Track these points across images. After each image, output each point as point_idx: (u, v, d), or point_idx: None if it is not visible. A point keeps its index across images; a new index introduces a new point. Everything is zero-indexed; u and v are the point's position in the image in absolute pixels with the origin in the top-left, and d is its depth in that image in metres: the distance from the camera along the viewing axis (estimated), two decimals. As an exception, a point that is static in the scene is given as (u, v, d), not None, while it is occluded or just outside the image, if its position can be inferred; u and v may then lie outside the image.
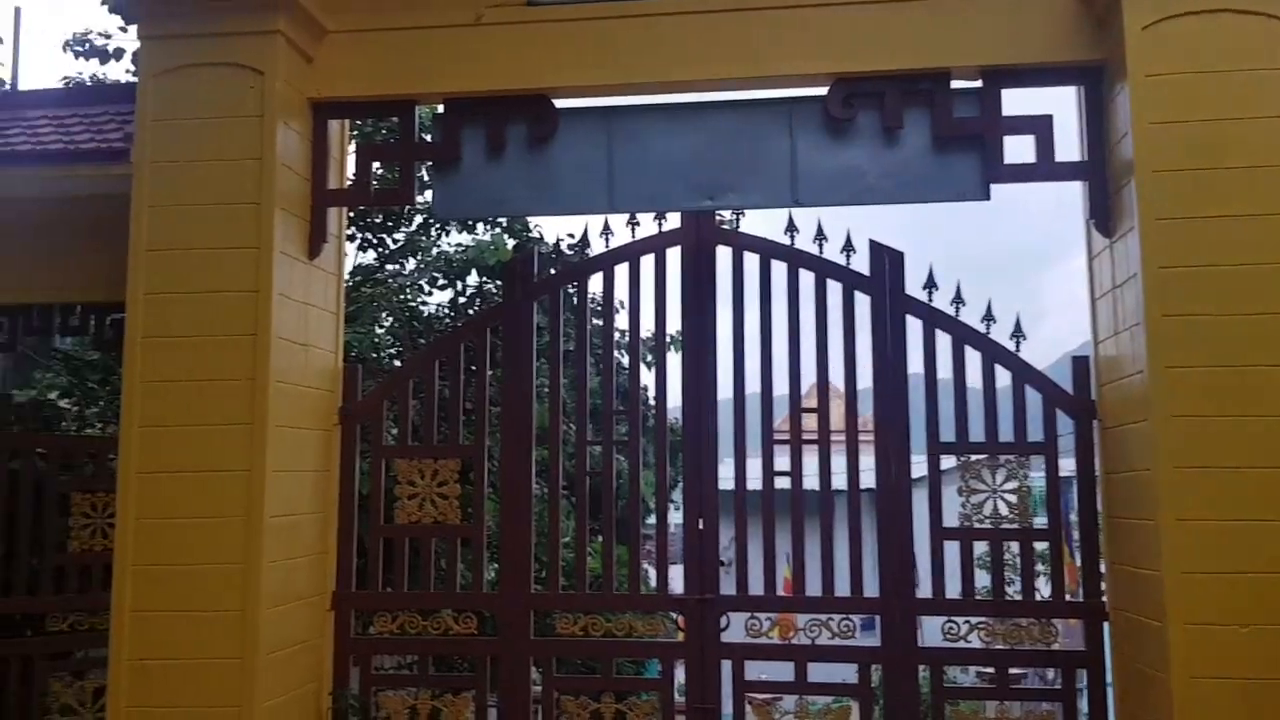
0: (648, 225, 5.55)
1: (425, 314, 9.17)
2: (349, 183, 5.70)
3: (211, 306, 4.91)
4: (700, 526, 5.32)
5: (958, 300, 5.31)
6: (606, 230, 5.58)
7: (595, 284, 5.64)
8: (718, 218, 5.54)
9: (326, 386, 5.45)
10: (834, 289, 5.40)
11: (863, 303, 5.37)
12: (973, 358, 5.28)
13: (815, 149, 5.15)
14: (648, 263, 5.56)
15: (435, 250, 9.47)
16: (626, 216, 5.58)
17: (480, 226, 9.73)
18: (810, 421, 5.29)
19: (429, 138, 5.58)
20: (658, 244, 5.56)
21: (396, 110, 5.40)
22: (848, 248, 5.41)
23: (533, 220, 9.20)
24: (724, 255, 5.49)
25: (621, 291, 5.60)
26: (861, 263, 5.40)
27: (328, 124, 5.39)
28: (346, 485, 5.52)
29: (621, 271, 5.58)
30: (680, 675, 5.32)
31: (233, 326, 4.89)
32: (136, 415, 4.86)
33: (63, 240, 5.40)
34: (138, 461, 4.84)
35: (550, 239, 8.99)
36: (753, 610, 5.28)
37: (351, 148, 5.98)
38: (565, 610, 5.45)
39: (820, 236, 5.42)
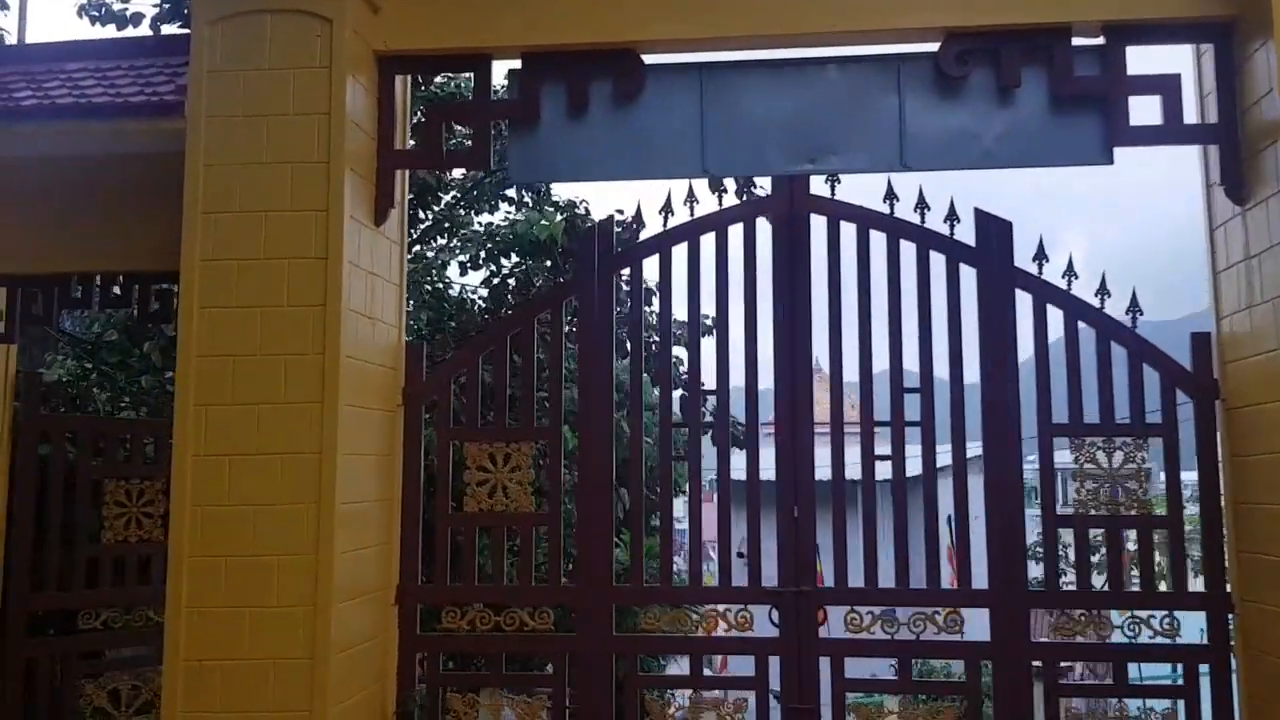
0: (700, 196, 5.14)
1: (457, 297, 8.73)
2: (412, 144, 5.25)
3: (275, 274, 4.47)
4: (795, 515, 4.93)
5: (1069, 273, 4.96)
6: (691, 197, 5.18)
7: (678, 256, 5.21)
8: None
9: (390, 364, 5.03)
10: (937, 261, 5.03)
11: (968, 276, 5.00)
12: (1086, 334, 4.92)
13: (925, 110, 4.77)
14: (735, 233, 5.16)
15: (469, 229, 9.01)
16: (699, 185, 5.17)
17: (523, 201, 9.32)
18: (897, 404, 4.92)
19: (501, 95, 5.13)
20: (747, 213, 5.18)
21: (470, 65, 4.98)
22: (951, 217, 5.03)
23: (578, 191, 8.76)
24: (818, 225, 5.11)
25: (707, 265, 5.17)
26: (966, 233, 5.03)
27: (394, 79, 4.96)
28: (411, 470, 5.10)
29: (708, 243, 5.17)
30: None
31: (299, 296, 4.46)
32: (192, 393, 4.42)
33: (103, 204, 4.96)
34: (194, 444, 4.40)
35: (597, 214, 8.52)
36: (853, 603, 4.90)
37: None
38: (649, 605, 5.04)
39: (922, 205, 5.03)
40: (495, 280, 9.23)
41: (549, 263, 8.45)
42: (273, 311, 4.46)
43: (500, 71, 4.99)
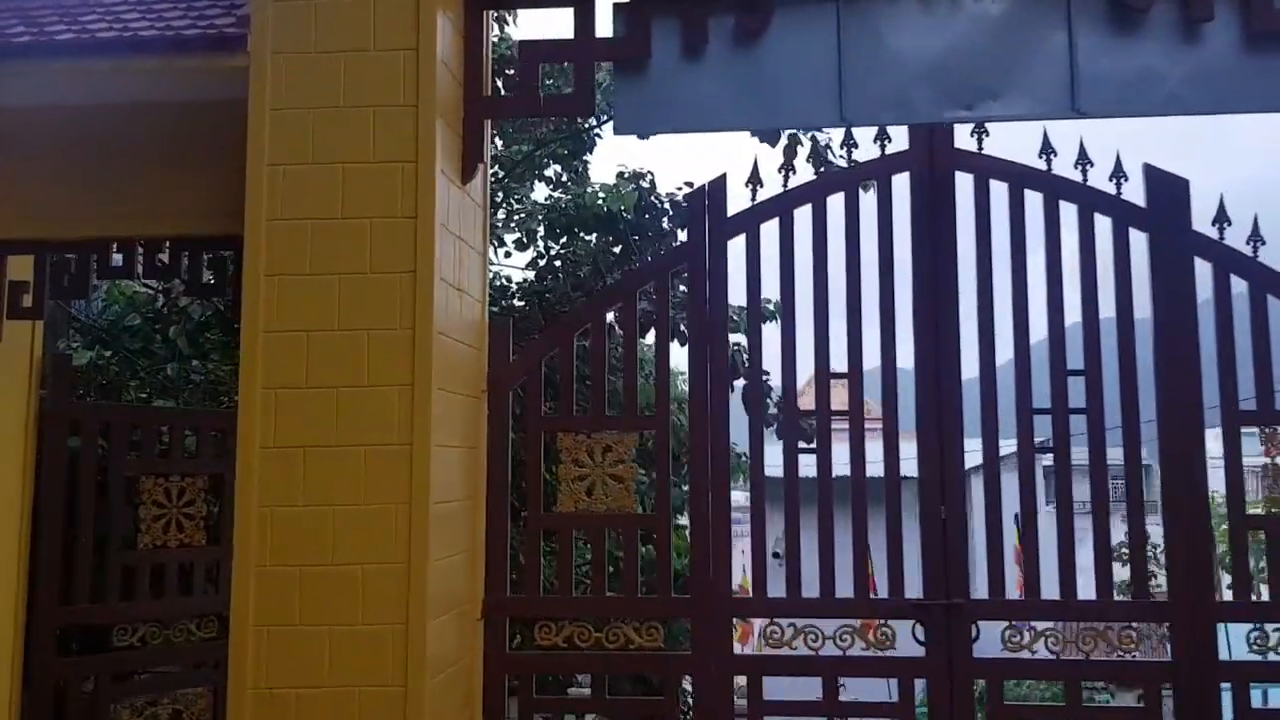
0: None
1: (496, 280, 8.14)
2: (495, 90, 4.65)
3: (356, 236, 3.89)
4: (942, 515, 4.35)
5: (1255, 238, 4.38)
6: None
7: (802, 220, 4.62)
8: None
9: (474, 344, 4.44)
10: (1102, 225, 4.45)
11: (1138, 241, 4.42)
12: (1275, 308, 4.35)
13: (1100, 47, 4.20)
14: (867, 194, 4.57)
15: (522, 204, 8.41)
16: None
17: (561, 181, 8.73)
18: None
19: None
20: (881, 170, 4.60)
21: (569, -1, 4.37)
22: (1117, 174, 4.45)
23: (638, 163, 8.15)
24: (964, 183, 4.53)
25: (835, 230, 4.59)
26: (1134, 192, 4.45)
27: (481, 16, 4.37)
28: (498, 465, 4.52)
29: (835, 204, 4.58)
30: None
31: (385, 261, 3.87)
32: (259, 375, 3.83)
33: (148, 159, 4.37)
34: (262, 434, 3.81)
35: (675, 179, 7.90)
36: (1012, 618, 4.33)
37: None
38: (774, 617, 4.46)
39: (1083, 160, 4.45)
40: (542, 262, 8.64)
41: (611, 240, 7.87)
42: (353, 280, 3.88)
43: (604, 11, 4.38)
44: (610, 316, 4.88)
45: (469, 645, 4.34)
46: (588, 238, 8.12)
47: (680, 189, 7.88)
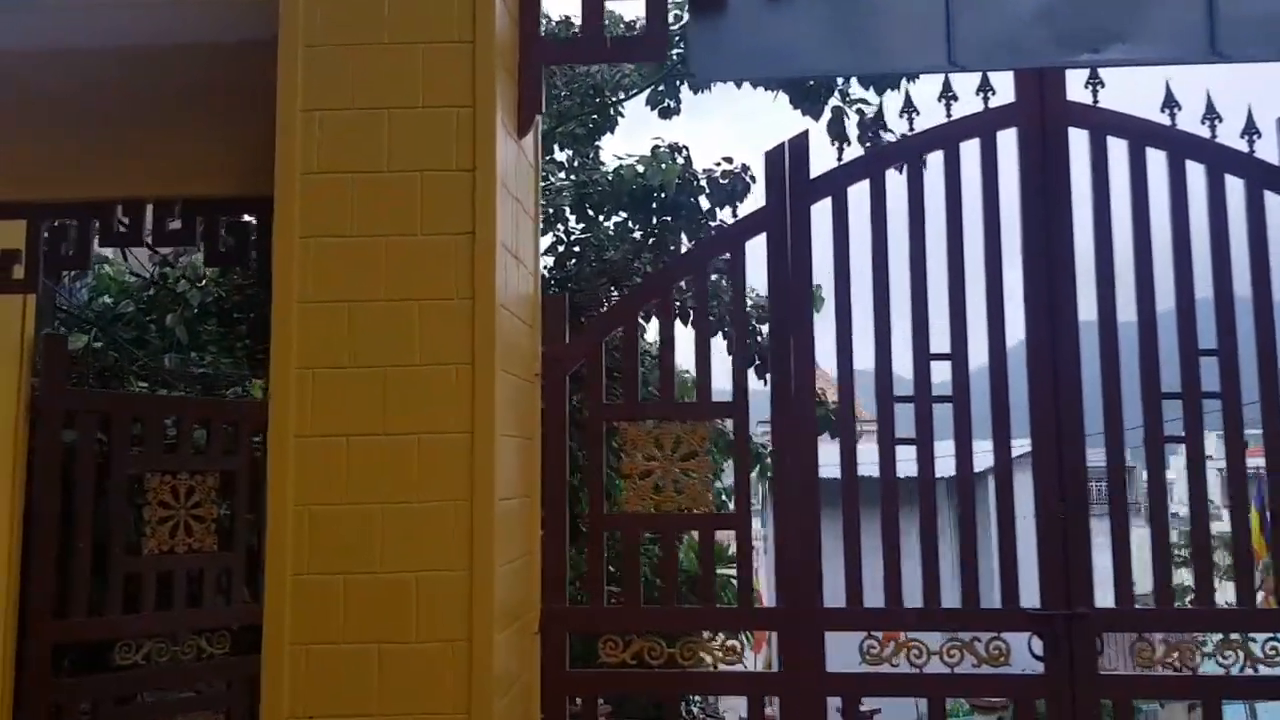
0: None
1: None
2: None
3: (405, 192, 3.41)
4: (1061, 514, 3.89)
5: (1405, 202, 3.93)
6: (908, 108, 4.14)
7: (895, 182, 4.17)
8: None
9: (529, 320, 3.95)
10: (1234, 187, 4.01)
11: (1276, 205, 3.98)
12: None
13: (1243, -19, 3.74)
14: (969, 151, 4.12)
15: (549, 180, 7.93)
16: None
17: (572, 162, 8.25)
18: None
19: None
20: (985, 125, 4.15)
21: (640, -74, 3.90)
22: (1250, 131, 4.01)
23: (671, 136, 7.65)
24: (1078, 140, 4.08)
25: (933, 192, 4.13)
26: (1268, 150, 4.01)
27: (538, -55, 3.89)
28: (556, 458, 4.05)
29: (934, 164, 4.13)
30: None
31: (439, 220, 3.39)
32: (294, 352, 3.34)
33: (157, 110, 3.87)
34: (297, 420, 3.31)
35: (702, 161, 7.43)
36: (1143, 630, 3.88)
37: None
38: (865, 630, 3.99)
39: (1211, 115, 4.01)
40: (561, 247, 8.15)
41: (638, 221, 7.39)
42: (402, 242, 3.40)
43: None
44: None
45: (528, 661, 3.85)
46: (614, 219, 7.64)
47: (719, 164, 7.42)
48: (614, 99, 7.97)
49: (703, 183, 7.34)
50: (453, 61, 3.45)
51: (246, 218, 4.00)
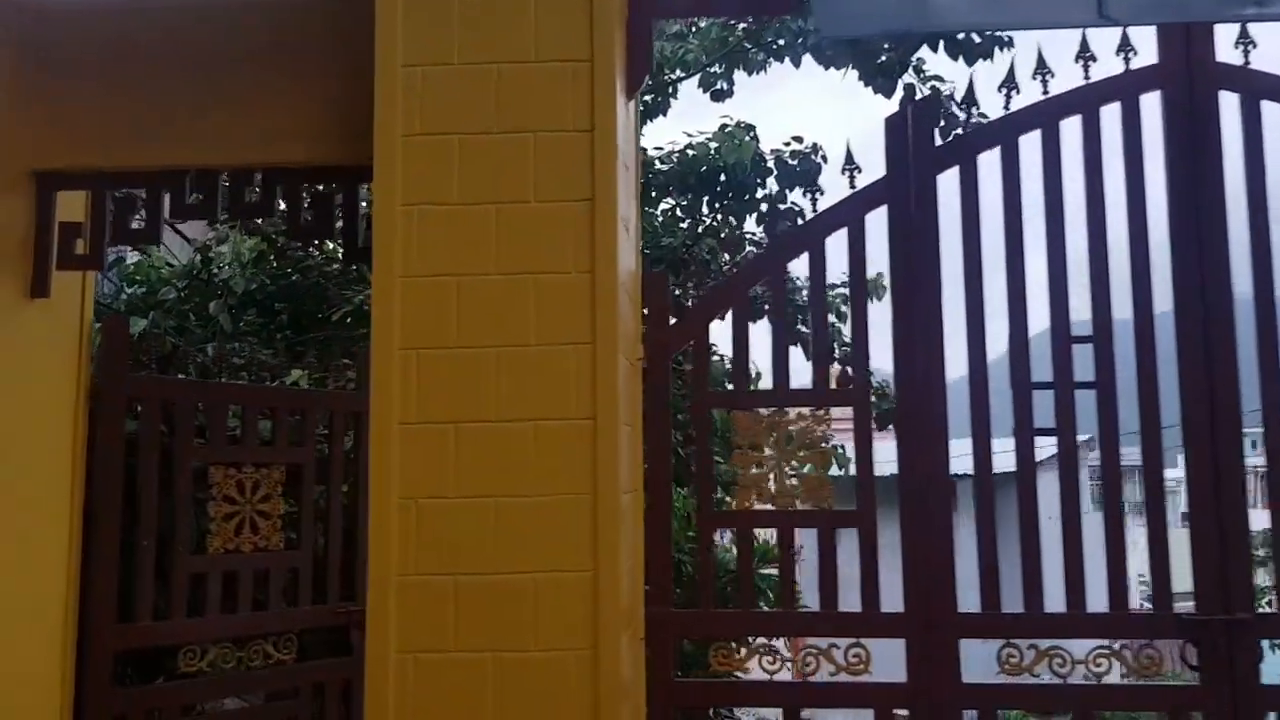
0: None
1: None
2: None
3: (516, 155, 3.12)
4: (1217, 510, 3.59)
5: None
6: (1041, 69, 3.84)
7: (1029, 149, 3.86)
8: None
9: (634, 298, 3.66)
10: (1403, 153, 3.68)
11: None
12: None
13: None
14: (1110, 116, 3.82)
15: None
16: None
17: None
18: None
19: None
20: (1127, 88, 3.84)
21: None
22: None
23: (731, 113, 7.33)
24: (1229, 104, 3.77)
25: (1071, 160, 3.83)
26: None
27: (647, -110, 3.59)
28: (662, 449, 3.76)
29: (1071, 128, 3.82)
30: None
31: (554, 186, 3.10)
32: (396, 331, 3.05)
33: (234, 69, 3.58)
34: (400, 406, 3.02)
35: (770, 139, 7.11)
36: (1309, 636, 3.56)
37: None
38: (1003, 637, 3.69)
39: (1374, 76, 3.70)
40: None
41: (698, 202, 7.09)
42: (513, 210, 3.11)
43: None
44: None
45: (636, 669, 3.56)
46: (663, 204, 7.34)
47: (788, 144, 7.12)
48: (674, 77, 7.66)
49: (770, 164, 7.04)
50: (567, 12, 3.16)
51: (332, 190, 3.69)
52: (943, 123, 4.06)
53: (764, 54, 7.69)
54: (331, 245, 8.60)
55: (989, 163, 3.88)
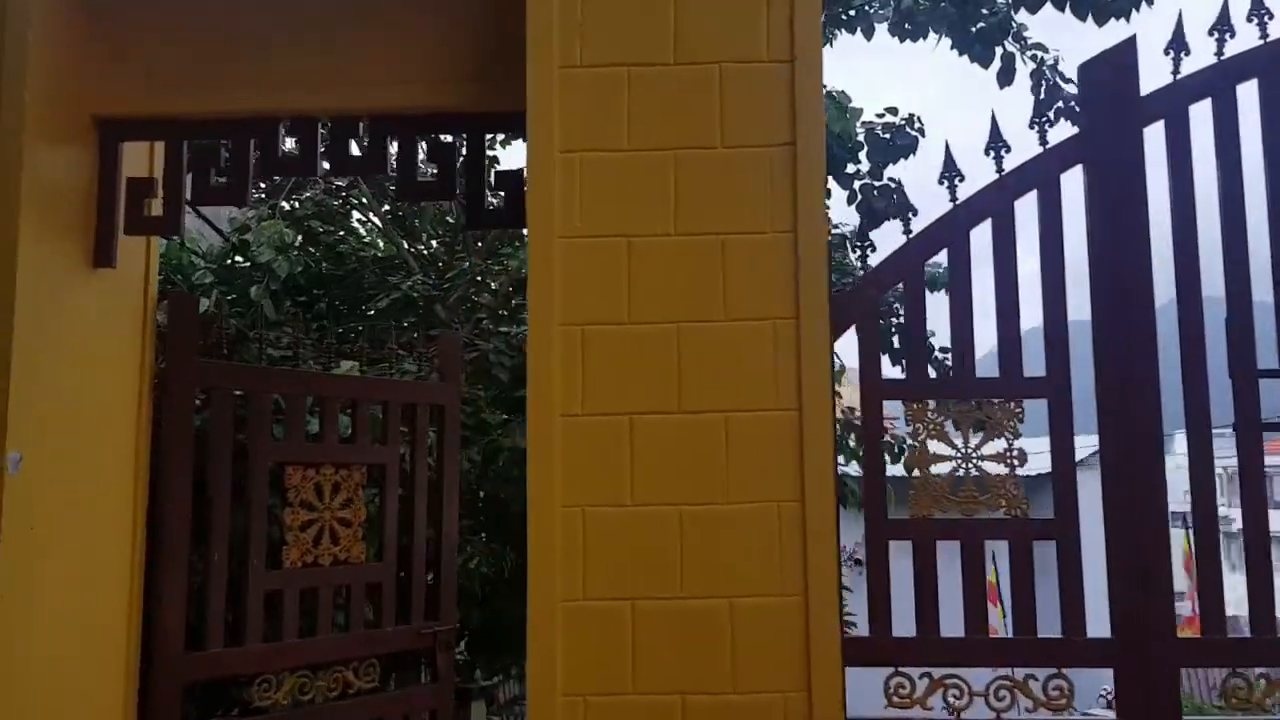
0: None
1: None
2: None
3: (699, 91, 2.60)
4: None
5: None
6: (1258, 10, 3.34)
7: (1246, 98, 3.36)
8: None
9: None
10: None
11: None
12: None
13: None
14: None
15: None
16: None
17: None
18: None
19: None
20: (1369, 27, 3.31)
21: None
22: None
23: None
24: None
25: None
26: None
27: None
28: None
29: (1291, 79, 3.31)
30: None
31: (747, 128, 2.59)
32: (555, 305, 2.53)
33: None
34: (565, 395, 2.49)
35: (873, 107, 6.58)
36: None
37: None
38: (1229, 665, 3.18)
39: None
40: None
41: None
42: (697, 158, 2.59)
43: None
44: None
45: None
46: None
47: (881, 115, 6.60)
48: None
49: (860, 136, 6.52)
50: (758, -81, 2.63)
51: (456, 140, 3.15)
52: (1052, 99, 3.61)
53: (831, 25, 7.17)
54: (373, 226, 8.11)
55: (1200, 115, 3.38)
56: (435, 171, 3.08)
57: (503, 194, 3.02)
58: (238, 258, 6.47)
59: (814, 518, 2.45)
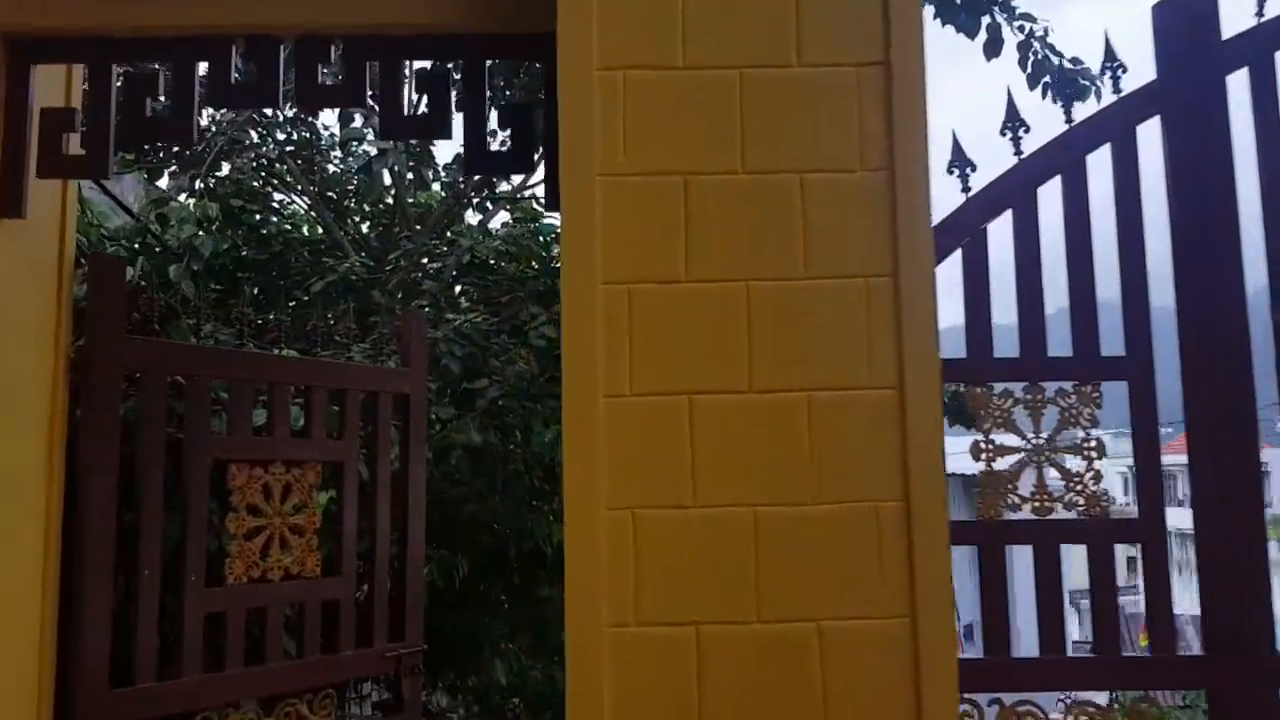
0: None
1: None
2: None
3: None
4: None
5: None
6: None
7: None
8: None
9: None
10: None
11: None
12: None
13: None
14: None
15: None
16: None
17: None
18: None
19: None
20: None
21: None
22: None
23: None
24: None
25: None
26: None
27: None
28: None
29: (1396, 20, 2.96)
30: None
31: (830, 42, 2.12)
32: (596, 258, 2.03)
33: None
34: (608, 372, 2.01)
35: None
36: None
37: None
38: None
39: None
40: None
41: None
42: (769, 78, 2.12)
43: None
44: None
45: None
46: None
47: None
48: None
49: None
50: None
51: (443, 68, 2.62)
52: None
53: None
54: (299, 207, 7.47)
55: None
56: (429, 103, 2.54)
57: (509, 131, 2.51)
58: (153, 233, 5.80)
59: (922, 520, 2.00)
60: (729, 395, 2.04)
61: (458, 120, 2.52)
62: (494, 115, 2.61)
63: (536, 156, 2.59)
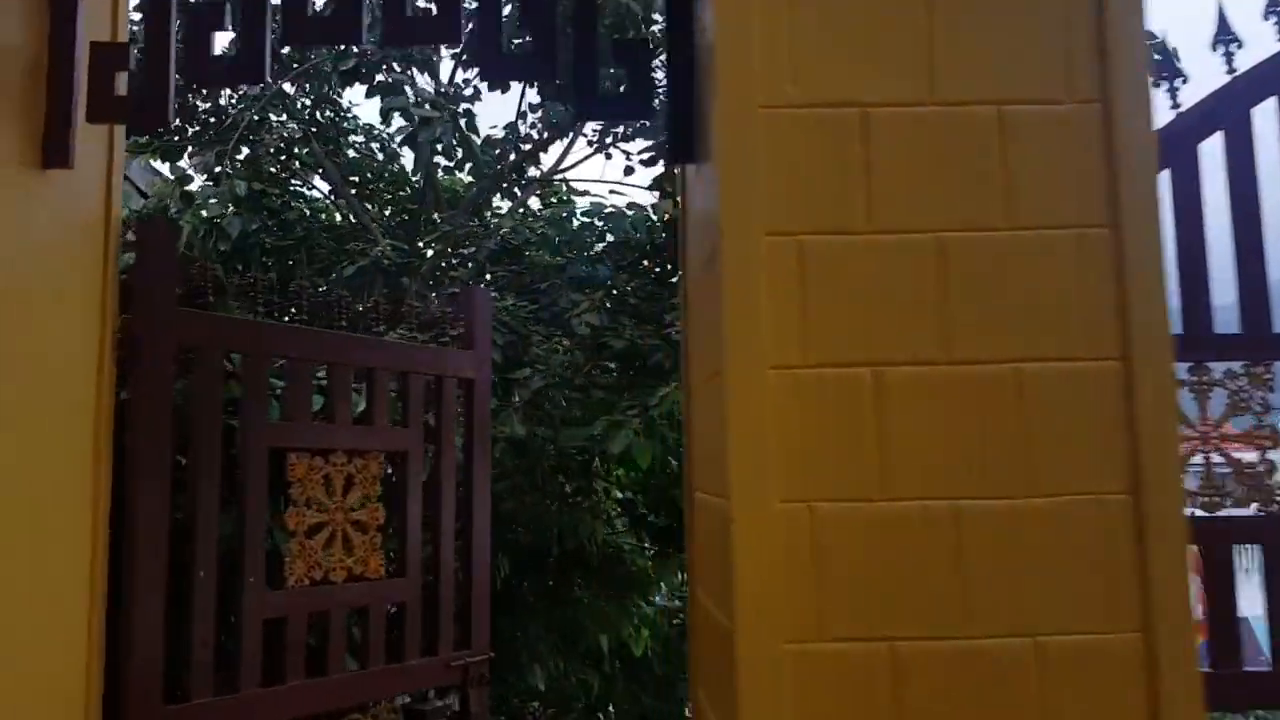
0: None
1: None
2: None
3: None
4: None
5: None
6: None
7: None
8: None
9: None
10: None
11: None
12: None
13: None
14: None
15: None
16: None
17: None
18: None
19: None
20: None
21: None
22: None
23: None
24: None
25: None
26: None
27: None
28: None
29: None
30: None
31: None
32: (756, 203, 1.72)
33: None
34: (777, 338, 1.69)
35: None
36: None
37: None
38: None
39: None
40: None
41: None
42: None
43: None
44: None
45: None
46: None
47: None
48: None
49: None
50: None
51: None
52: None
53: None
54: (320, 192, 7.13)
55: None
56: (527, 40, 2.22)
57: (625, 70, 2.19)
58: (172, 215, 5.46)
59: (1155, 516, 1.67)
60: (921, 366, 1.72)
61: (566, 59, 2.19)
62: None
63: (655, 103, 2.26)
